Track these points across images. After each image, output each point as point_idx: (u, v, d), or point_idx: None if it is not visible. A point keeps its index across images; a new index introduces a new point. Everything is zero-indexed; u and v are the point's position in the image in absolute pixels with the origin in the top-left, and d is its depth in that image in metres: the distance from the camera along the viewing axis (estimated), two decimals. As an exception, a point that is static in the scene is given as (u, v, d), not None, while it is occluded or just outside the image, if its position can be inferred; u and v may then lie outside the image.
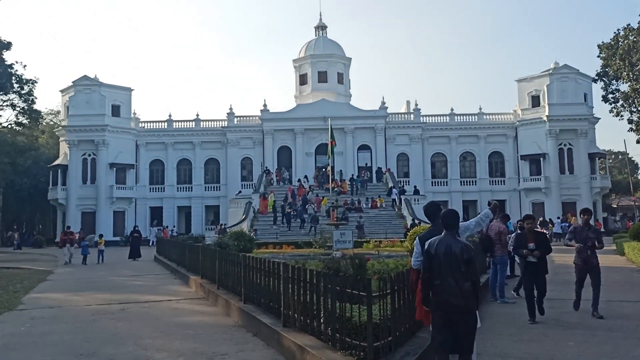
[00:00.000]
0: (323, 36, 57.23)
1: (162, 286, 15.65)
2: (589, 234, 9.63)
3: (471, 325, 5.29)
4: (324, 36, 57.27)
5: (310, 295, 6.94)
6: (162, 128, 51.46)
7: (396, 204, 39.20)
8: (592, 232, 9.68)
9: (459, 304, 5.24)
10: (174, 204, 50.01)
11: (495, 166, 50.66)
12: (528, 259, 9.27)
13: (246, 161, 50.47)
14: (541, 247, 9.27)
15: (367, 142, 49.35)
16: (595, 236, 9.66)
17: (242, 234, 24.06)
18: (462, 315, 5.26)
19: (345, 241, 18.29)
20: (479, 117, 50.93)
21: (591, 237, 9.61)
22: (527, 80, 49.40)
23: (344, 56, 55.98)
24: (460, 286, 5.23)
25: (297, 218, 36.79)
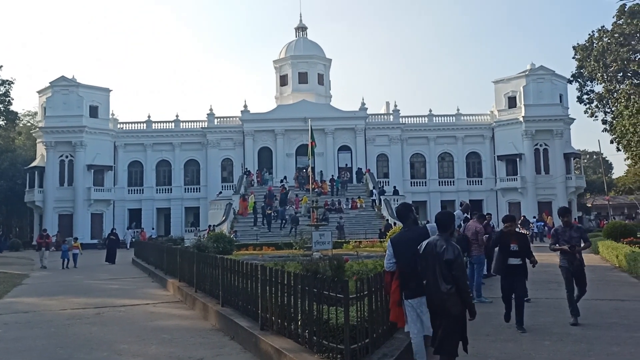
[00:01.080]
0: (303, 37, 57.21)
1: (139, 289, 15.42)
2: (572, 233, 9.15)
3: (451, 329, 5.27)
4: (304, 37, 57.24)
5: (288, 298, 6.87)
6: (141, 129, 50.88)
7: (376, 204, 39.30)
8: (575, 231, 9.20)
9: (437, 305, 5.31)
10: (153, 205, 49.46)
11: (473, 166, 51.11)
12: (509, 261, 8.69)
13: (226, 162, 50.16)
14: (523, 249, 8.71)
15: (348, 143, 49.43)
16: (579, 235, 9.19)
17: (222, 235, 23.94)
18: (441, 316, 5.27)
19: (325, 242, 18.24)
20: (457, 118, 51.35)
21: (575, 236, 9.15)
22: (504, 81, 49.95)
23: (324, 57, 56.02)
24: (439, 287, 5.24)
25: (278, 219, 36.69)
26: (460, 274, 5.27)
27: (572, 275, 9.11)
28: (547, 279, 14.20)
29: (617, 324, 8.85)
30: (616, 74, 46.45)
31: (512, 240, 8.76)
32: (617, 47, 44.57)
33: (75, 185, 46.54)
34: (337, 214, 36.73)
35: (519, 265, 8.68)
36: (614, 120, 48.16)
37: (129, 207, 49.46)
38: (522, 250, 8.72)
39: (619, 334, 8.09)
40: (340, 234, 32.30)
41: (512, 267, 8.68)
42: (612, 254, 19.35)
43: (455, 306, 5.23)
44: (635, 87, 45.68)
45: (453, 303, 5.22)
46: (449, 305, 5.23)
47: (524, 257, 8.72)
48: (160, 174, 50.67)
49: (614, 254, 18.88)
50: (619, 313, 9.81)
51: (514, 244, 8.72)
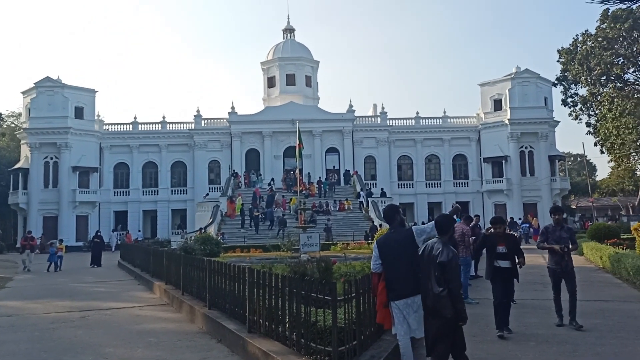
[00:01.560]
0: (291, 39, 57.20)
1: (125, 292, 15.29)
2: (562, 234, 8.81)
3: (442, 331, 5.32)
4: (292, 39, 57.24)
5: (276, 300, 6.85)
6: (127, 130, 50.49)
7: (363, 206, 39.37)
8: (565, 231, 8.85)
9: (429, 307, 5.42)
10: (139, 207, 49.09)
11: (459, 169, 51.39)
12: (496, 263, 8.29)
13: (214, 164, 49.95)
14: (513, 250, 8.31)
15: (335, 145, 49.46)
16: (568, 236, 8.83)
17: (209, 237, 23.83)
18: (433, 318, 5.31)
19: (313, 244, 18.24)
20: (444, 120, 51.62)
21: (564, 237, 8.78)
22: (490, 84, 50.32)
23: (312, 59, 56.04)
24: (432, 289, 5.33)
25: (266, 220, 36.63)
26: (452, 277, 5.31)
27: (559, 278, 8.86)
28: (532, 280, 14.30)
29: (601, 324, 8.93)
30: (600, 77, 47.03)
31: (499, 242, 8.36)
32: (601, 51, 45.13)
33: (60, 187, 46.03)
34: (324, 216, 36.74)
35: (507, 268, 8.28)
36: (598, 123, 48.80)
37: (115, 209, 49.03)
38: (512, 251, 8.32)
39: (604, 335, 8.18)
40: (328, 236, 32.29)
41: (500, 270, 8.27)
42: (596, 255, 19.55)
43: (447, 309, 5.27)
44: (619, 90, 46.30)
45: (444, 305, 5.26)
46: (440, 307, 5.27)
47: (514, 260, 8.33)
48: (146, 176, 50.30)
49: (598, 255, 19.08)
50: (604, 314, 9.90)
51: (501, 245, 8.32)
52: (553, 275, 8.94)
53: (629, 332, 8.39)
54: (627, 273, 14.59)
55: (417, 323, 5.72)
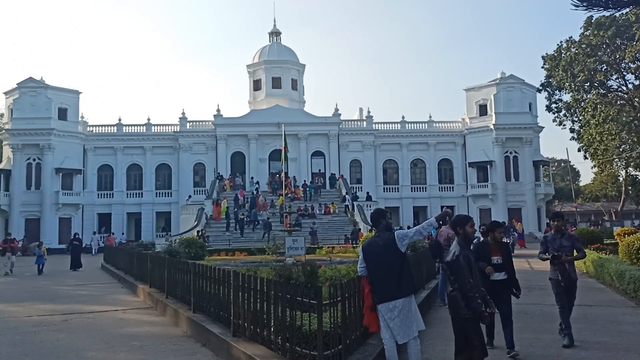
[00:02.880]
0: (277, 42, 57.20)
1: (108, 295, 15.14)
2: (562, 242, 8.03)
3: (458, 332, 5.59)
4: (278, 42, 57.24)
5: (261, 304, 6.82)
6: (112, 132, 50.10)
7: (349, 210, 39.43)
8: (566, 239, 8.06)
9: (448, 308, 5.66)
10: (123, 210, 48.69)
11: (445, 173, 51.71)
12: (492, 277, 7.28)
13: (199, 167, 49.73)
14: (507, 260, 7.53)
15: (321, 149, 49.52)
16: (570, 243, 8.03)
17: (194, 240, 23.69)
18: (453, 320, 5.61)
19: (298, 248, 18.22)
20: (429, 125, 51.93)
21: (566, 245, 8.00)
22: (475, 89, 50.76)
23: (298, 62, 56.09)
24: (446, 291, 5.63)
25: (251, 223, 36.56)
26: (458, 277, 5.41)
27: (564, 290, 8.04)
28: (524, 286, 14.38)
29: (585, 329, 9.00)
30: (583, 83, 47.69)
31: (494, 252, 7.50)
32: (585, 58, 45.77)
33: (43, 189, 45.48)
34: (310, 220, 36.74)
35: (503, 281, 7.40)
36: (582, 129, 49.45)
37: (99, 212, 48.58)
38: (507, 262, 7.50)
39: (587, 339, 8.25)
40: (313, 240, 32.32)
41: (495, 283, 7.27)
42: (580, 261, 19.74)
43: (458, 309, 5.34)
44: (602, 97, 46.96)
45: (455, 305, 5.34)
46: (452, 306, 5.38)
47: (510, 271, 7.48)
48: (130, 178, 49.93)
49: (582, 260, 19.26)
50: (587, 318, 10.00)
51: (496, 255, 7.48)
52: (556, 287, 8.08)
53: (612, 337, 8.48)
54: (610, 278, 14.78)
55: (399, 328, 5.73)
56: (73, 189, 47.06)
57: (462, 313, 5.37)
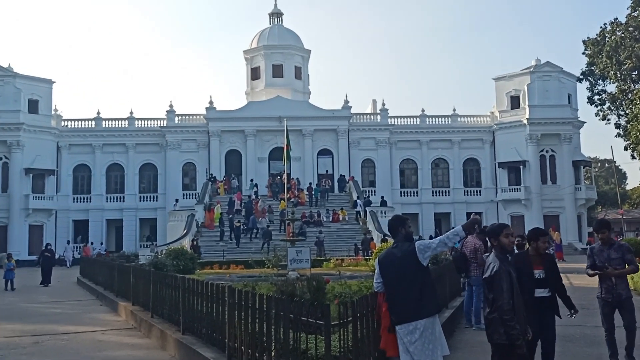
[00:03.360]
0: (278, 24, 57.35)
1: (86, 314, 15.20)
2: (610, 254, 7.82)
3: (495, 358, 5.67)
4: (279, 24, 57.38)
5: (260, 325, 6.82)
6: (89, 127, 50.37)
7: (361, 216, 39.44)
8: (615, 250, 7.84)
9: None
10: (102, 216, 48.92)
11: (471, 174, 51.67)
12: (535, 293, 7.02)
13: (189, 167, 49.90)
14: (552, 275, 7.21)
15: (328, 146, 49.60)
16: (620, 255, 7.81)
17: (183, 251, 23.80)
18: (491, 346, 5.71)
19: (302, 260, 18.29)
20: (453, 119, 51.91)
21: (615, 257, 7.80)
22: (506, 78, 50.68)
23: (303, 48, 56.21)
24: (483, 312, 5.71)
25: (249, 232, 36.64)
26: (497, 296, 5.36)
27: (612, 310, 7.89)
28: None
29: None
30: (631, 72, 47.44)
31: (536, 265, 7.17)
32: (632, 42, 45.55)
33: (11, 192, 45.76)
34: (316, 228, 36.76)
35: (547, 297, 7.10)
36: (629, 124, 49.12)
37: (74, 218, 48.82)
38: (551, 277, 7.18)
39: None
40: (319, 251, 32.28)
41: (537, 301, 6.98)
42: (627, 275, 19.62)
43: (496, 334, 5.30)
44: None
45: (493, 330, 5.30)
46: (490, 332, 5.33)
47: (554, 286, 7.20)
48: (111, 180, 50.16)
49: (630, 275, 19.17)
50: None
51: (538, 269, 7.15)
52: (604, 306, 7.91)
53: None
54: (662, 295, 14.67)
55: (420, 352, 5.71)
56: (45, 192, 47.33)
57: (497, 338, 5.35)
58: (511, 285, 5.56)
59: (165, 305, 11.06)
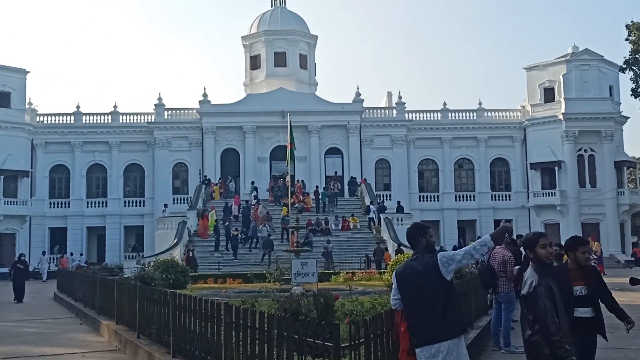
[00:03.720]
0: (281, 7, 57.45)
1: (64, 334, 15.23)
2: None
3: None
4: (282, 7, 57.49)
5: (261, 346, 6.82)
6: (68, 123, 50.58)
7: (374, 224, 39.40)
8: None
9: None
10: (82, 224, 49.06)
11: (499, 177, 51.58)
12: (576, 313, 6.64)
13: (180, 168, 50.03)
14: (598, 292, 6.89)
15: (338, 145, 49.62)
16: None
17: (173, 264, 23.84)
18: None
19: (308, 273, 18.31)
20: (479, 114, 51.83)
21: None
22: (539, 68, 50.54)
23: (308, 33, 56.28)
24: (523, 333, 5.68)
25: (247, 241, 36.68)
26: (539, 315, 5.33)
27: None
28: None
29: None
30: (681, 60, 47.19)
31: (575, 280, 6.80)
32: (683, 27, 45.32)
33: (-20, 196, 45.99)
34: (323, 237, 36.75)
35: (589, 319, 6.77)
36: (679, 119, 48.96)
37: (51, 226, 49.01)
38: (596, 294, 6.87)
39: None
40: (327, 263, 32.28)
41: (579, 322, 6.62)
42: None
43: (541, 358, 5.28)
44: None
45: (537, 354, 5.27)
46: (532, 357, 5.31)
47: (598, 304, 6.86)
48: (92, 183, 50.35)
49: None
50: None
51: (579, 285, 6.79)
52: None
53: None
54: None
55: None
56: (18, 196, 47.55)
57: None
58: (554, 302, 5.49)
59: (153, 324, 11.07)
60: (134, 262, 35.63)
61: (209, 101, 49.75)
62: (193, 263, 32.40)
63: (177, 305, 9.63)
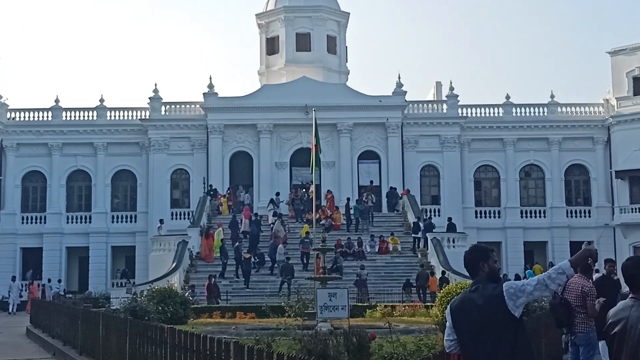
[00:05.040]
0: (305, -22, 57.59)
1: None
2: None
3: None
4: (305, -22, 57.62)
5: (279, 397, 6.84)
6: (44, 121, 51.06)
7: (419, 246, 39.19)
8: None
9: None
10: (61, 243, 49.39)
11: (576, 188, 51.16)
12: None
13: (180, 175, 50.29)
14: None
15: (374, 147, 49.52)
16: None
17: (171, 293, 23.95)
18: None
19: (337, 306, 18.27)
20: (550, 109, 51.48)
21: None
22: (627, 52, 50.05)
23: (339, 10, 56.19)
24: None
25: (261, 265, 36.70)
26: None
27: None
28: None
29: None
30: None
31: None
32: None
33: (-62, 209, 46.68)
34: (356, 262, 36.65)
35: None
36: None
37: (23, 245, 49.47)
38: None
39: None
40: (361, 294, 32.17)
41: None
42: None
43: None
44: None
45: None
46: None
47: None
48: (73, 193, 50.78)
49: None
50: None
51: None
52: None
53: None
54: None
55: None
56: (-16, 209, 48.09)
57: None
58: None
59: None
60: (123, 291, 35.89)
61: (215, 93, 49.96)
62: (216, 293, 32.54)
63: (176, 345, 9.68)
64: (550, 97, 51.96)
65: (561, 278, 5.76)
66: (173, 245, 38.98)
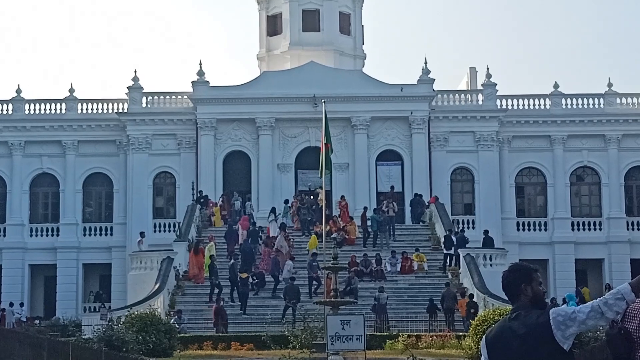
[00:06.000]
0: (313, -56, 57.73)
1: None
2: None
3: None
4: (313, -56, 57.77)
5: None
6: (4, 115, 51.26)
7: (450, 264, 39.13)
8: None
9: None
10: (23, 260, 49.58)
11: (638, 195, 51.04)
12: None
13: (164, 179, 50.48)
14: None
15: (395, 146, 49.59)
16: None
17: (154, 320, 24.01)
18: None
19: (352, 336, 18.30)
20: (607, 100, 51.48)
21: None
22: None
23: (353, -18, 56.42)
24: None
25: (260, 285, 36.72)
26: None
27: None
28: None
29: None
30: None
31: None
32: None
33: None
34: (374, 283, 36.67)
35: None
36: None
37: (-22, 263, 49.70)
38: None
39: None
40: (380, 321, 32.17)
41: None
42: None
43: None
44: None
45: None
46: None
47: None
48: (38, 201, 51.01)
49: None
50: None
51: None
52: None
53: None
54: None
55: None
56: None
57: None
58: None
59: (125, 408, 11.20)
60: (97, 317, 36.03)
61: (206, 82, 50.10)
62: (225, 319, 32.55)
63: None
64: (608, 85, 51.93)
65: (620, 304, 5.74)
66: (156, 262, 39.09)
